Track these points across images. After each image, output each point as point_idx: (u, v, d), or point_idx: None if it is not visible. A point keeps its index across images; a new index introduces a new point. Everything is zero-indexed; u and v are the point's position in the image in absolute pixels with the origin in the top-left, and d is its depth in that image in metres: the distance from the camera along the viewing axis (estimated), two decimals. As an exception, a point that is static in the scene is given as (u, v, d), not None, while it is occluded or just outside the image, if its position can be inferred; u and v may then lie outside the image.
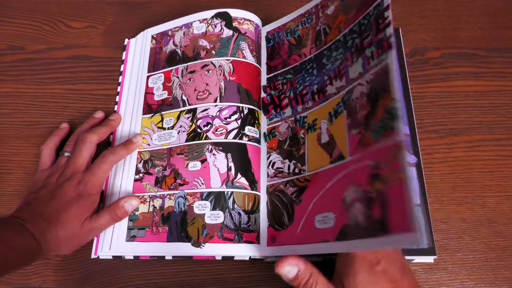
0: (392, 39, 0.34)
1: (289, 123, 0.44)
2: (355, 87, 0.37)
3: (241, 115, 0.44)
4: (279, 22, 0.50)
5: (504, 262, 0.42)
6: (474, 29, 0.54)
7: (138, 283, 0.41)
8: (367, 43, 0.37)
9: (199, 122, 0.44)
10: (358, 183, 0.32)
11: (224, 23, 0.48)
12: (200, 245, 0.39)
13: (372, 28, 0.37)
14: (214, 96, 0.45)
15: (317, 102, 0.42)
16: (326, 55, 0.43)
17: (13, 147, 0.47)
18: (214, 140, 0.43)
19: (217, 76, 0.46)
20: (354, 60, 0.38)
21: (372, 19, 0.37)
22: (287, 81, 0.46)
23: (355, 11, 0.40)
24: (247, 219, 0.40)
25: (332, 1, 0.45)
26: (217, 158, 0.42)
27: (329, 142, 0.38)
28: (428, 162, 0.46)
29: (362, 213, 0.31)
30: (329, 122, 0.39)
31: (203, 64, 0.47)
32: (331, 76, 0.41)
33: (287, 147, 0.43)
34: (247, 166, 0.42)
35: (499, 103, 0.49)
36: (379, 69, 0.34)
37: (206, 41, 0.48)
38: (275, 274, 0.42)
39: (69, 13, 0.55)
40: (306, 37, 0.46)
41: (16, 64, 0.52)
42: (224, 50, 0.47)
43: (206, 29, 0.49)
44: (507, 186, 0.45)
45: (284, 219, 0.40)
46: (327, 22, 0.44)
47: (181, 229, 0.40)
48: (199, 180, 0.42)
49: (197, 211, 0.40)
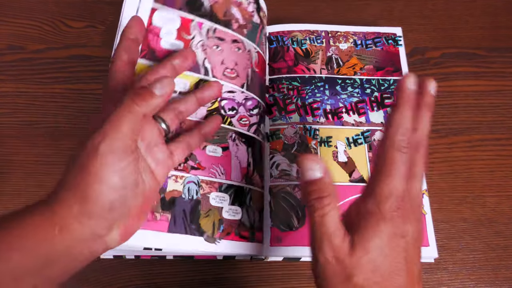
0: None
1: (297, 129, 0.45)
2: (377, 131, 0.44)
3: (259, 111, 0.42)
4: (283, 27, 0.50)
5: (504, 262, 0.42)
6: (474, 29, 0.54)
7: (138, 283, 0.41)
8: (388, 103, 0.45)
9: (223, 102, 0.38)
10: None
11: (256, 6, 0.44)
12: (215, 241, 0.34)
13: (393, 94, 0.45)
14: (242, 81, 0.40)
15: (331, 122, 0.45)
16: (340, 85, 0.47)
17: (13, 147, 0.47)
18: (238, 129, 0.39)
19: (246, 60, 0.41)
20: (375, 109, 0.46)
21: (393, 88, 0.46)
22: (294, 87, 0.47)
23: (372, 67, 0.48)
24: (258, 218, 0.39)
25: (345, 40, 0.49)
26: (239, 149, 0.38)
27: (348, 163, 0.43)
28: (428, 162, 0.46)
29: None
30: (347, 146, 0.44)
31: (234, 38, 0.40)
32: (347, 107, 0.46)
33: (295, 152, 0.44)
34: (261, 164, 0.41)
35: (499, 103, 0.49)
36: None
37: (240, 14, 0.42)
38: (275, 274, 0.42)
39: (69, 12, 0.55)
40: (315, 55, 0.49)
41: (16, 63, 0.51)
42: (253, 36, 0.42)
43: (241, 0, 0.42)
44: (507, 185, 0.45)
45: (293, 221, 0.41)
46: (339, 55, 0.49)
47: (191, 220, 0.34)
48: (218, 168, 0.37)
49: (214, 203, 0.35)
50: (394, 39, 0.50)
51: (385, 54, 0.49)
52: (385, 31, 0.50)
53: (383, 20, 0.54)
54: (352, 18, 0.54)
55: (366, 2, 0.56)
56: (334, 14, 0.55)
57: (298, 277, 0.41)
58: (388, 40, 0.49)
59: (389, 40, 0.49)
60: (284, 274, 0.42)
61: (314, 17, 0.54)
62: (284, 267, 0.42)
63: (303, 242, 0.40)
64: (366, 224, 0.25)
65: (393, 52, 0.49)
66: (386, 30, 0.50)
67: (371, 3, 0.56)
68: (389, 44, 0.49)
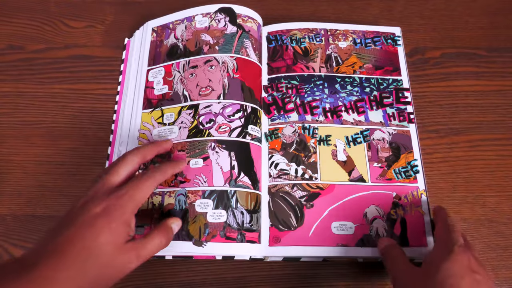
0: (412, 116, 0.45)
1: (296, 128, 0.45)
2: (376, 130, 0.45)
3: (244, 114, 0.44)
4: (282, 26, 0.50)
5: (504, 261, 0.42)
6: (474, 29, 0.54)
7: (138, 283, 0.41)
8: (387, 103, 0.46)
9: (201, 118, 0.43)
10: (380, 205, 0.41)
11: (228, 18, 0.48)
12: (202, 244, 0.38)
13: (392, 94, 0.46)
14: (218, 92, 0.44)
15: (330, 120, 0.45)
16: (340, 83, 0.47)
17: (13, 147, 0.47)
18: (217, 137, 0.42)
19: (220, 72, 0.45)
20: (374, 108, 0.46)
21: (392, 88, 0.47)
22: (292, 86, 0.47)
23: (371, 66, 0.48)
24: (249, 219, 0.40)
25: (344, 38, 0.49)
26: (220, 156, 0.41)
27: (347, 162, 0.43)
28: (428, 162, 0.46)
29: (383, 228, 0.40)
30: (346, 145, 0.44)
31: (206, 59, 0.46)
32: (346, 106, 0.46)
33: (294, 151, 0.43)
34: (250, 165, 0.42)
35: (499, 102, 0.49)
36: (401, 130, 0.45)
37: (209, 36, 0.47)
38: (275, 274, 0.42)
39: (69, 12, 0.55)
40: (314, 53, 0.49)
41: (16, 63, 0.51)
42: (228, 46, 0.46)
43: (209, 24, 0.48)
44: (507, 186, 0.45)
45: (292, 220, 0.41)
46: (339, 53, 0.49)
47: (181, 227, 0.39)
48: (201, 178, 0.41)
49: (199, 209, 0.40)
50: (393, 39, 0.50)
51: (384, 53, 0.49)
52: (384, 30, 0.50)
53: (383, 20, 0.54)
54: (352, 18, 0.54)
55: (367, 2, 0.56)
56: (335, 14, 0.55)
57: (298, 277, 0.41)
58: (387, 40, 0.49)
59: (388, 40, 0.49)
60: (284, 274, 0.42)
61: (315, 17, 0.54)
62: (284, 267, 0.42)
63: (302, 242, 0.40)
64: None
65: (392, 51, 0.49)
66: (385, 30, 0.50)
67: (372, 3, 0.56)
68: (388, 43, 0.49)
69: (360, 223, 0.41)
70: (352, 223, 0.40)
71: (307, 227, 0.40)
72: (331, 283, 0.41)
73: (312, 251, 0.39)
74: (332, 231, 0.40)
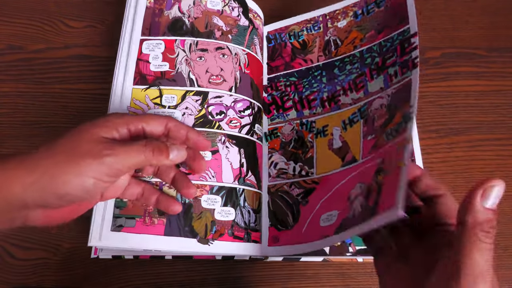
0: (417, 59, 0.37)
1: (294, 126, 0.44)
2: (375, 100, 0.40)
3: (253, 111, 0.42)
4: (281, 24, 0.50)
5: (505, 262, 0.42)
6: (474, 29, 0.54)
7: (138, 283, 0.41)
8: (390, 63, 0.40)
9: (210, 108, 0.40)
10: (364, 180, 0.34)
11: (241, 10, 0.46)
12: (208, 242, 0.36)
13: (396, 50, 0.40)
14: (229, 85, 0.42)
15: (328, 109, 0.43)
16: (338, 66, 0.44)
17: (13, 147, 0.47)
18: (227, 131, 0.40)
19: (233, 64, 0.43)
20: (375, 76, 0.41)
21: (397, 43, 0.40)
22: (291, 83, 0.46)
23: (373, 32, 0.43)
24: (255, 218, 0.39)
25: (344, 16, 0.46)
26: (230, 151, 0.40)
27: (342, 148, 0.40)
28: (428, 162, 0.46)
29: (360, 204, 0.33)
30: (342, 130, 0.41)
31: (218, 45, 0.43)
32: (345, 87, 0.43)
33: (292, 149, 0.43)
34: (256, 164, 0.41)
35: (500, 102, 0.49)
36: (402, 84, 0.37)
37: (222, 22, 0.44)
38: (275, 274, 0.42)
39: (69, 12, 0.55)
40: (312, 44, 0.47)
41: (15, 63, 0.51)
42: (241, 38, 0.44)
43: (223, 8, 0.45)
44: (507, 185, 0.45)
45: (289, 219, 0.40)
46: (337, 35, 0.46)
47: (184, 223, 0.36)
48: (209, 172, 0.38)
49: (206, 205, 0.37)
50: None
51: (389, 11, 0.43)
52: None
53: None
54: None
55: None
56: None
57: (298, 277, 0.41)
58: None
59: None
60: (284, 274, 0.42)
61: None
62: (284, 267, 0.42)
63: (296, 240, 0.38)
64: None
65: (399, 2, 0.42)
66: None
67: (371, 3, 0.56)
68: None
69: (343, 208, 0.35)
70: (337, 211, 0.36)
71: (301, 225, 0.39)
72: (331, 283, 0.41)
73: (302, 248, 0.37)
74: (320, 224, 0.37)
